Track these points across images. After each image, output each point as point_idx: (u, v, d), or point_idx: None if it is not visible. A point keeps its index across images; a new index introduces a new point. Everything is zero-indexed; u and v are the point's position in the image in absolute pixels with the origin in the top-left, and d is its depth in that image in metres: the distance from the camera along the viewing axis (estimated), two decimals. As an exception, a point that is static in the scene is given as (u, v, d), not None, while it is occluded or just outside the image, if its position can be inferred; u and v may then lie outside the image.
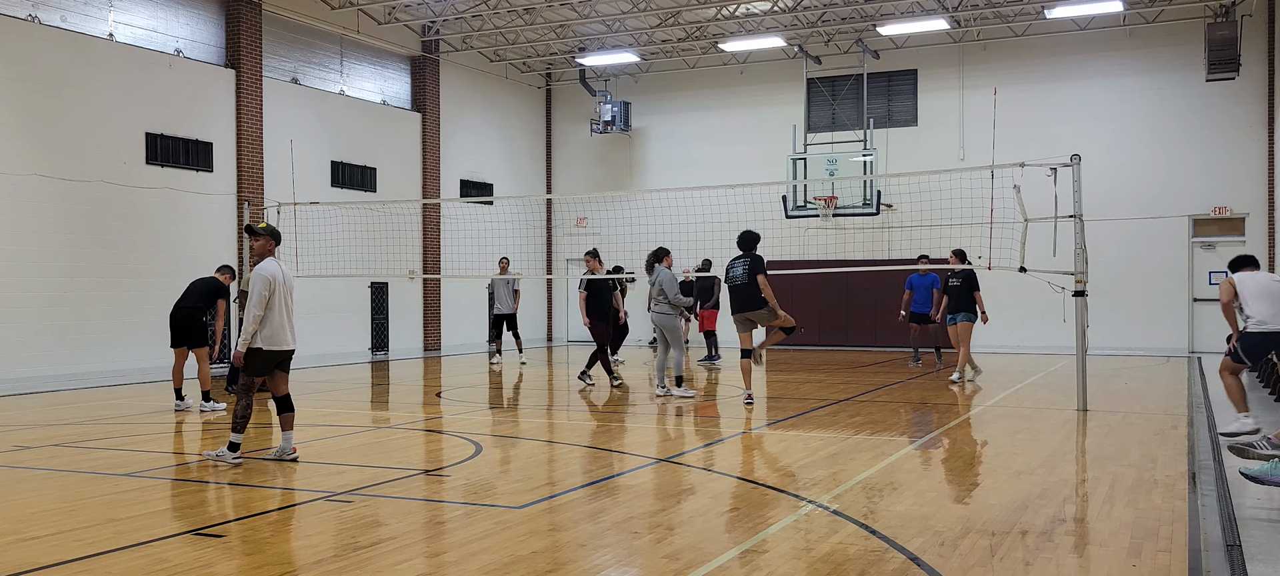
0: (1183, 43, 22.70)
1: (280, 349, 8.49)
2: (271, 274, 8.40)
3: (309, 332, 21.59)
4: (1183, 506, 6.65)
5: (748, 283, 12.28)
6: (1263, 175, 22.15)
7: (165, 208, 18.72)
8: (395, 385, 16.55)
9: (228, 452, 8.39)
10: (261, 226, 8.74)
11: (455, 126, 26.03)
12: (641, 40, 25.59)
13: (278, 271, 8.48)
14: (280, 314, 8.45)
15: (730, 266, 12.61)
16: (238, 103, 20.30)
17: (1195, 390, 14.25)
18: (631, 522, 6.32)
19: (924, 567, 5.26)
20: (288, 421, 8.66)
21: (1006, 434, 10.46)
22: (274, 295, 8.38)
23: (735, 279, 12.43)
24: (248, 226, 8.85)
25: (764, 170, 24.27)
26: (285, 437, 8.63)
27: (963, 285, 15.40)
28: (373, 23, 23.38)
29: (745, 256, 12.47)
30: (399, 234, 23.16)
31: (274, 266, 8.49)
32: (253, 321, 8.33)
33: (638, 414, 12.39)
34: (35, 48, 16.98)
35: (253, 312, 8.32)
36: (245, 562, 5.55)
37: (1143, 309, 22.69)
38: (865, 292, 24.41)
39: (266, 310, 8.34)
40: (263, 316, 8.33)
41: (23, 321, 16.73)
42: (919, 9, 23.06)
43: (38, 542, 5.94)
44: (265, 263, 8.50)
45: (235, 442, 8.40)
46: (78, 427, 10.88)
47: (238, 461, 8.38)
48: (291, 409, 8.70)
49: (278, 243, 8.72)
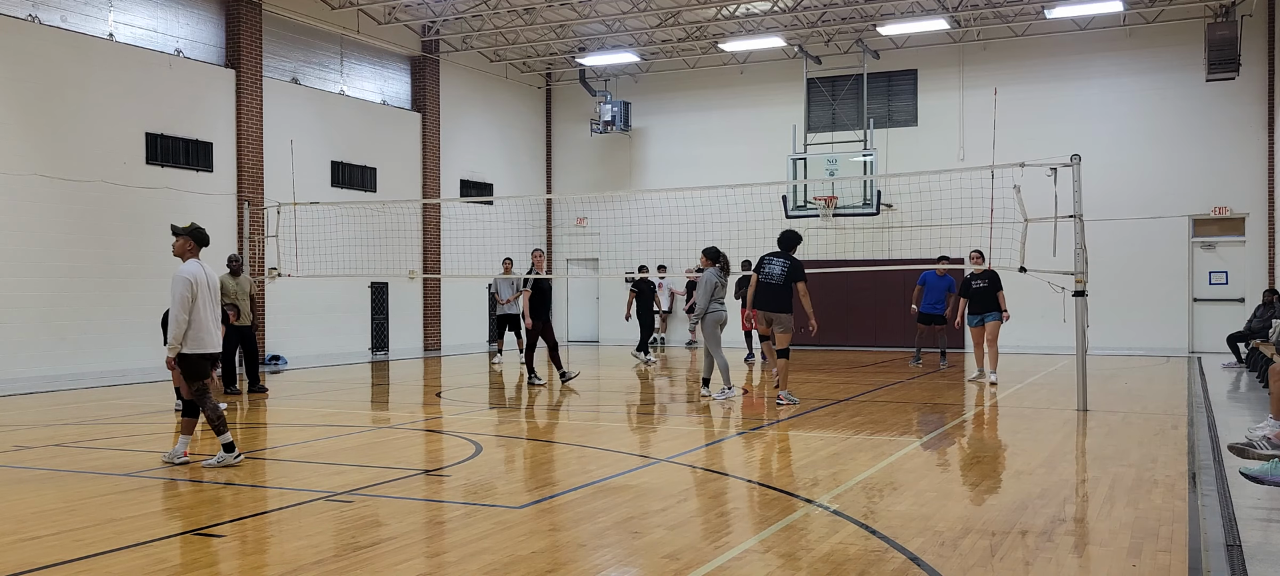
0: (1183, 43, 22.70)
1: (207, 352, 8.34)
2: (192, 275, 8.24)
3: (309, 332, 21.72)
4: (1183, 506, 6.65)
5: (783, 285, 12.15)
6: (1263, 175, 22.15)
7: (165, 208, 18.71)
8: (395, 385, 16.55)
9: (226, 454, 8.34)
10: (184, 226, 8.55)
11: (455, 126, 26.04)
12: (641, 40, 25.59)
13: (200, 272, 8.33)
14: (205, 315, 8.29)
15: (765, 261, 12.39)
16: (238, 103, 20.30)
17: (1195, 390, 14.24)
18: (631, 522, 6.32)
19: (924, 567, 5.25)
20: (188, 426, 8.50)
21: (1006, 434, 10.46)
22: (198, 298, 8.23)
23: (770, 276, 12.23)
24: (172, 226, 8.67)
25: (764, 170, 24.26)
26: (182, 442, 8.45)
27: (989, 286, 15.25)
28: (373, 23, 23.38)
29: (784, 257, 12.30)
30: (399, 234, 23.16)
31: (196, 267, 8.33)
32: (178, 326, 8.15)
33: (638, 414, 12.39)
34: (35, 48, 16.98)
35: (178, 316, 8.14)
36: (245, 562, 5.55)
37: (1143, 309, 22.69)
38: (865, 293, 24.41)
39: (191, 313, 8.18)
40: (188, 320, 8.17)
41: (23, 321, 16.73)
42: (919, 9, 23.05)
43: (38, 542, 5.94)
44: (187, 264, 8.34)
45: (227, 443, 8.33)
46: (78, 427, 10.88)
47: (239, 458, 8.36)
48: (196, 415, 8.51)
49: (202, 244, 8.53)
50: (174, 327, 8.21)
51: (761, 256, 12.62)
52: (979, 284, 15.29)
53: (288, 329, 21.11)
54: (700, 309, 13.01)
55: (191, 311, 8.21)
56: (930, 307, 17.65)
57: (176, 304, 8.16)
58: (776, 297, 12.18)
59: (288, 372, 18.45)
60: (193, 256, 8.46)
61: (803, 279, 12.14)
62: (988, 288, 15.23)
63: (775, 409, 12.01)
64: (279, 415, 12.18)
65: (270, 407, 12.90)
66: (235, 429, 11.05)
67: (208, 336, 8.34)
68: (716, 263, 13.14)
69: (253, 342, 14.42)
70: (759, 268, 12.47)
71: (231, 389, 14.24)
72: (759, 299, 12.34)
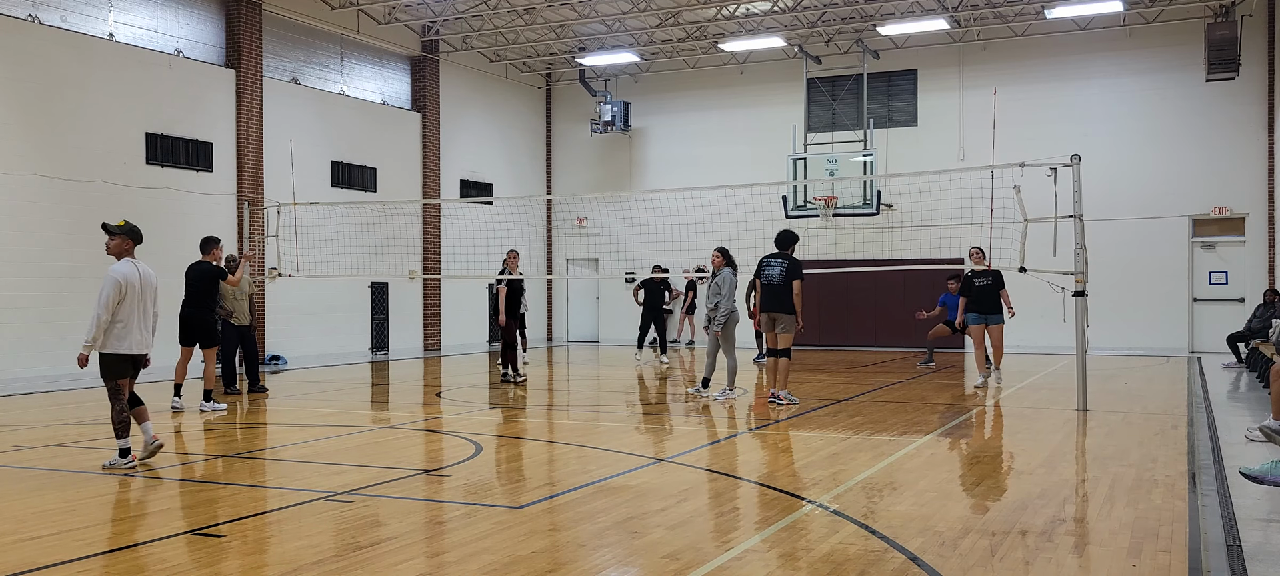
0: (1183, 43, 22.70)
1: (131, 353, 8.23)
2: (125, 275, 8.15)
3: (309, 332, 21.73)
4: (1183, 506, 6.65)
5: (783, 285, 12.17)
6: (1263, 175, 22.15)
7: (165, 208, 18.71)
8: (395, 385, 16.55)
9: (119, 459, 8.18)
10: (118, 225, 8.43)
11: (455, 126, 26.04)
12: (641, 40, 25.60)
13: (133, 272, 8.23)
14: (132, 316, 8.18)
15: (764, 263, 12.40)
16: (238, 103, 20.31)
17: (1195, 390, 14.24)
18: (631, 522, 6.32)
19: (924, 567, 5.25)
20: (141, 414, 8.41)
21: (1006, 434, 10.46)
22: (127, 299, 8.13)
23: (770, 277, 12.23)
24: (103, 224, 8.57)
25: (764, 170, 24.27)
26: (145, 429, 8.39)
27: (992, 284, 15.05)
28: (373, 23, 23.38)
29: (783, 256, 12.32)
30: (399, 234, 23.16)
31: (129, 267, 8.24)
32: (97, 325, 8.04)
33: (639, 414, 12.38)
34: (35, 48, 16.98)
35: (98, 316, 8.04)
36: (245, 562, 5.55)
37: (1143, 309, 22.69)
38: (865, 293, 24.41)
39: (114, 313, 8.07)
40: (110, 320, 8.07)
41: (23, 321, 16.73)
42: (919, 9, 23.05)
43: (38, 542, 5.94)
44: (120, 263, 8.24)
45: (124, 449, 8.18)
46: (78, 427, 10.88)
47: (132, 467, 8.17)
48: (140, 402, 8.43)
49: (137, 242, 8.43)
50: (92, 326, 8.08)
51: (761, 259, 12.60)
52: (981, 282, 15.02)
53: (288, 329, 21.12)
54: (725, 309, 12.94)
55: (117, 311, 8.10)
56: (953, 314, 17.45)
57: (100, 303, 8.04)
58: (778, 298, 12.19)
59: (288, 373, 18.45)
60: (128, 255, 8.37)
61: (799, 277, 12.15)
62: (991, 286, 14.98)
63: (775, 409, 12.01)
64: (279, 415, 12.18)
65: (270, 408, 12.90)
66: (236, 429, 11.06)
67: (132, 337, 8.19)
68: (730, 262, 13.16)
69: (252, 343, 14.41)
70: (759, 270, 12.48)
71: (231, 389, 14.23)
72: (763, 300, 12.38)
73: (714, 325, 13.01)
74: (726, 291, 12.97)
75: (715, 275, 13.11)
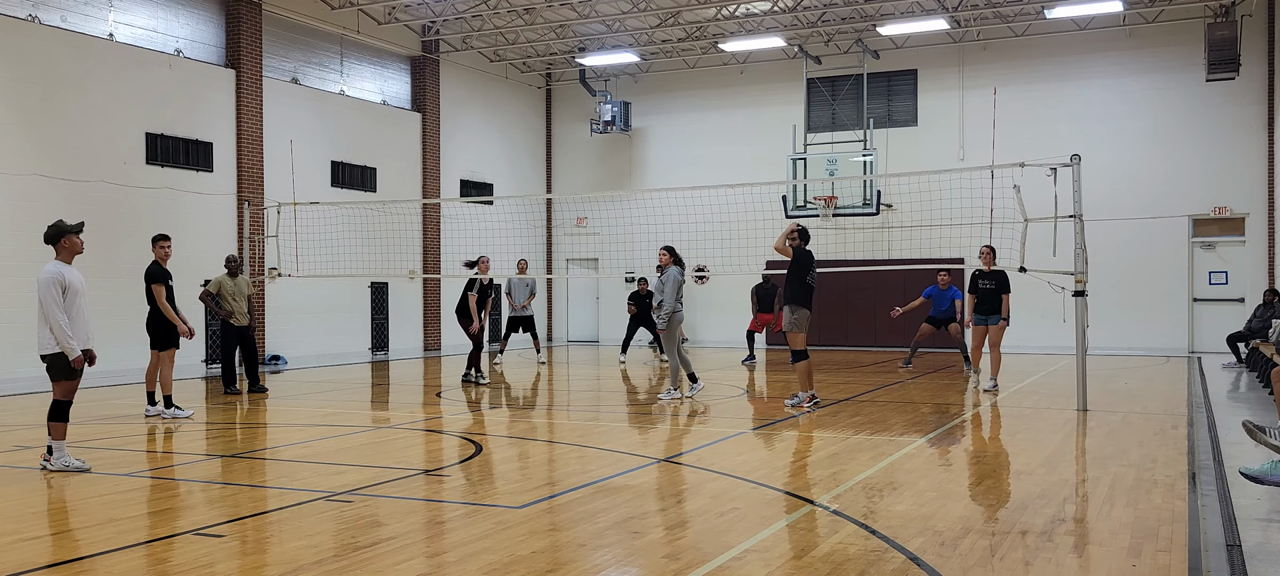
0: (1183, 43, 22.69)
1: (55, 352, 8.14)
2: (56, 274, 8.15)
3: (309, 332, 21.71)
4: (1183, 506, 6.65)
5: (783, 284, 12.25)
6: (1263, 175, 22.15)
7: (165, 207, 18.71)
8: (395, 385, 16.56)
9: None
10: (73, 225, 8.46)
11: (455, 126, 26.04)
12: (641, 40, 25.59)
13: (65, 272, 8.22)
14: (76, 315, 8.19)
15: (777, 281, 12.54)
16: (238, 103, 20.30)
17: (1195, 390, 14.24)
18: (631, 522, 6.32)
19: (924, 567, 5.26)
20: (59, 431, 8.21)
21: (1006, 434, 10.46)
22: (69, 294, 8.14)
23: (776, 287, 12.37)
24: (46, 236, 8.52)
25: (764, 170, 24.26)
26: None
27: (995, 287, 14.82)
28: (373, 23, 23.38)
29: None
30: (399, 234, 23.15)
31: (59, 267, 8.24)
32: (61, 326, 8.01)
33: (638, 414, 12.38)
34: (35, 48, 16.98)
35: (59, 317, 8.01)
36: (245, 562, 5.55)
37: (1143, 309, 22.69)
38: (865, 292, 24.41)
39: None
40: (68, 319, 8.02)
41: (23, 321, 16.71)
42: (919, 9, 23.05)
43: (38, 542, 5.94)
44: (50, 264, 8.24)
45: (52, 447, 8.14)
46: (78, 427, 10.87)
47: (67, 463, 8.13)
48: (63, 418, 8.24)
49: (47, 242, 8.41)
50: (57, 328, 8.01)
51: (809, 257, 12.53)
52: (985, 284, 14.74)
53: (288, 329, 21.11)
54: (669, 307, 12.92)
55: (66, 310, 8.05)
56: (937, 311, 17.36)
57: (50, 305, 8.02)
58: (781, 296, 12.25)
59: (288, 372, 18.45)
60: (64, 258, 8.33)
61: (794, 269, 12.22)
62: (994, 288, 14.65)
63: (784, 409, 12.02)
64: (279, 415, 12.18)
65: (270, 408, 12.90)
66: (235, 428, 11.07)
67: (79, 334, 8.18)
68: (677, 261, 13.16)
69: (252, 343, 14.41)
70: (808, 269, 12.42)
71: (231, 389, 14.24)
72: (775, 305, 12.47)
73: (659, 323, 13.05)
74: (669, 290, 12.93)
75: (661, 272, 13.08)
